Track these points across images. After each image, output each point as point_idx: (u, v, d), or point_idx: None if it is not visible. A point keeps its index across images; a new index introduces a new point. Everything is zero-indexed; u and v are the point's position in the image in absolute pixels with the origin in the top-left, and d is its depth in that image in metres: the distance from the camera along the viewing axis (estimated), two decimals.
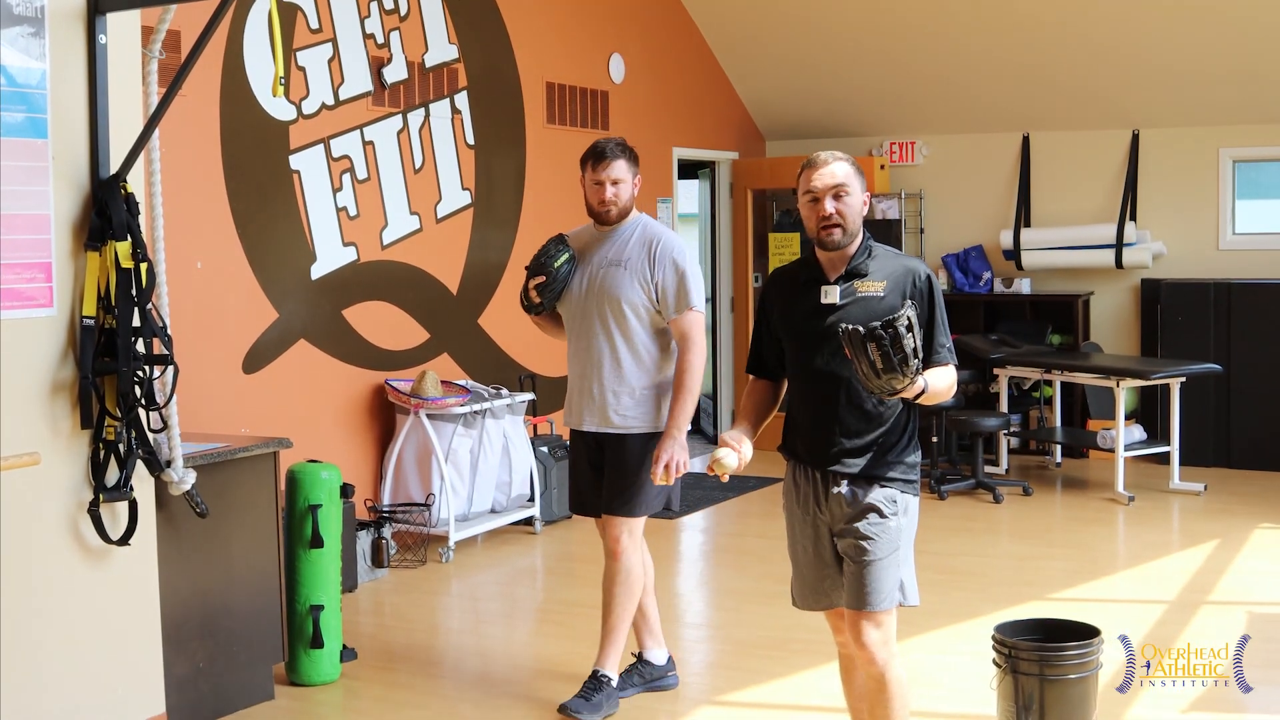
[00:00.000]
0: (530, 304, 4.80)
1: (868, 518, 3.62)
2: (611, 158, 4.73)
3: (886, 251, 3.76)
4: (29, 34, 3.85)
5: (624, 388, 4.72)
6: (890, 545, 3.62)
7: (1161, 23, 8.93)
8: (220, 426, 5.68)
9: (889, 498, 3.65)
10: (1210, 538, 7.39)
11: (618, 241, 4.79)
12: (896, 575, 3.64)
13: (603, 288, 4.72)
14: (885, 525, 3.62)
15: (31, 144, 3.87)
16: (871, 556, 3.60)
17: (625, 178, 4.75)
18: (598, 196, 4.76)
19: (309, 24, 6.70)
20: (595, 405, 4.75)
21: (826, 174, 3.66)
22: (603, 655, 4.81)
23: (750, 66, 10.41)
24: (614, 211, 4.76)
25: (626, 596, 4.78)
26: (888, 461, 3.65)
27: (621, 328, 4.71)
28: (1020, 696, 4.01)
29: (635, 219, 4.83)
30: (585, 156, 4.81)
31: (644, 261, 4.72)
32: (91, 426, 4.01)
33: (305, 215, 6.72)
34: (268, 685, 4.95)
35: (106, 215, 3.98)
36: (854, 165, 3.71)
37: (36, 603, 3.91)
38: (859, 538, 3.62)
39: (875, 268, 3.69)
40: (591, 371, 4.74)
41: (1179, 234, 9.89)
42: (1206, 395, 9.30)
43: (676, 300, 4.72)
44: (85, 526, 4.03)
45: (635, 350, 4.72)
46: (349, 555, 6.22)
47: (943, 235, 10.59)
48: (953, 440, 9.35)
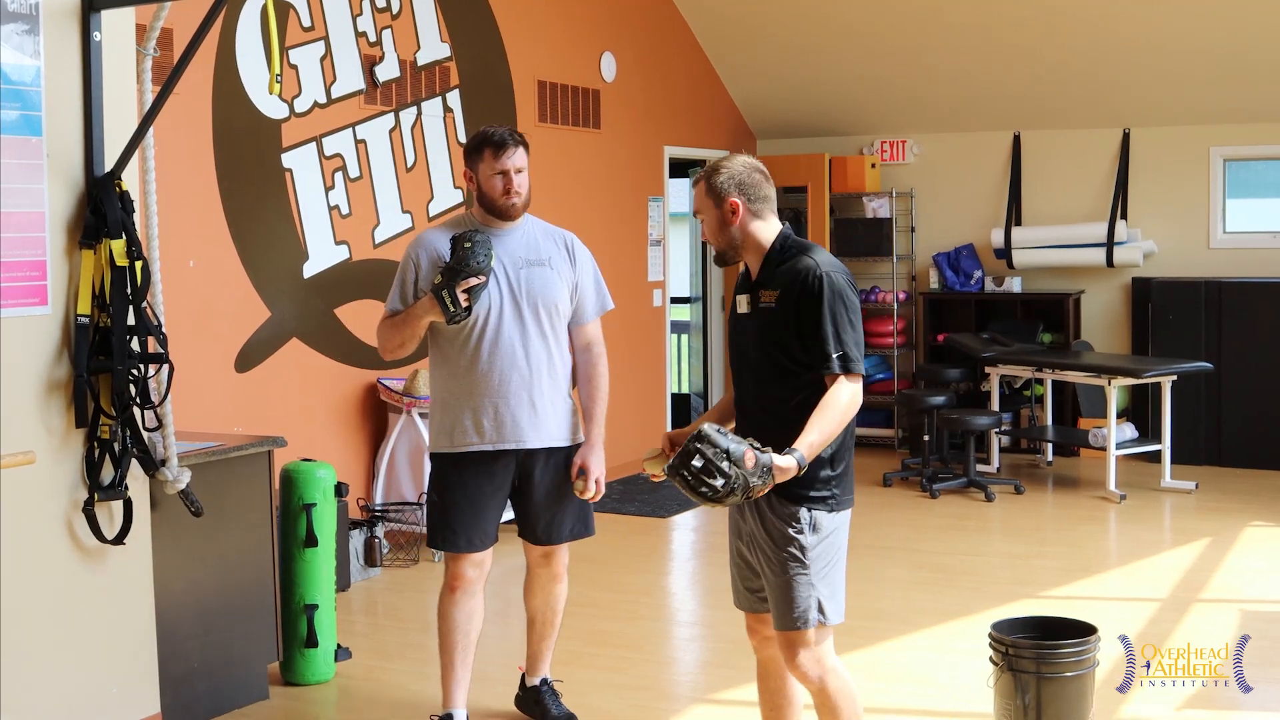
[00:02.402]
0: (458, 311, 4.16)
1: (777, 535, 3.48)
2: (514, 145, 4.31)
3: (796, 253, 3.54)
4: (23, 31, 3.83)
5: (559, 396, 4.40)
6: (799, 565, 3.47)
7: (1152, 21, 8.95)
8: (212, 425, 5.66)
9: (795, 515, 3.46)
10: (1202, 536, 7.41)
11: (525, 238, 4.40)
12: (812, 594, 3.47)
13: (531, 289, 4.32)
14: (798, 543, 3.47)
15: (26, 141, 3.86)
16: (782, 575, 3.49)
17: (526, 166, 4.35)
18: (501, 187, 4.29)
19: (301, 22, 6.68)
20: (538, 418, 4.33)
21: (693, 197, 3.68)
22: (544, 663, 4.71)
23: (741, 65, 10.41)
24: (519, 204, 4.34)
25: (562, 612, 4.67)
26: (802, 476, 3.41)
27: (555, 332, 4.38)
28: (1018, 694, 4.01)
29: (527, 215, 4.45)
30: (478, 145, 4.34)
31: (564, 261, 4.42)
32: (86, 425, 3.99)
33: (297, 213, 6.70)
34: (262, 684, 4.94)
35: (101, 213, 3.97)
36: (709, 178, 3.57)
37: (31, 601, 3.90)
38: (770, 555, 3.51)
39: (778, 274, 3.53)
40: (530, 381, 4.31)
41: (1170, 232, 9.92)
42: (1197, 393, 9.32)
43: (597, 303, 4.52)
44: (80, 525, 4.01)
45: (565, 357, 4.44)
46: (342, 554, 6.20)
47: (934, 234, 10.61)
48: (944, 439, 9.36)
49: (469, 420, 4.32)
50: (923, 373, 10.08)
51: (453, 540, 4.38)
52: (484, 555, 4.44)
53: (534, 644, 4.70)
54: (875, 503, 8.45)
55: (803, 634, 3.49)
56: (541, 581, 4.60)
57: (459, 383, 4.34)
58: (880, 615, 5.92)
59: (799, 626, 3.48)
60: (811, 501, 3.47)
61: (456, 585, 4.41)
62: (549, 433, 4.37)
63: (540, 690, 4.70)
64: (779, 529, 3.48)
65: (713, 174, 3.59)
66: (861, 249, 10.53)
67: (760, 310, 3.55)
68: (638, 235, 9.44)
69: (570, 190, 8.56)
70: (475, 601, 4.43)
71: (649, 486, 8.54)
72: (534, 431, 4.34)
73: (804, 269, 3.48)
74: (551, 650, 4.74)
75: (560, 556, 4.56)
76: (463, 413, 4.33)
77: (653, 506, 8.29)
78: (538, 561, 4.58)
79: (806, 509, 3.46)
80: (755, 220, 3.58)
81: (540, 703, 4.68)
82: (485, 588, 4.49)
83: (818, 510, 3.48)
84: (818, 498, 3.48)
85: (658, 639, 5.92)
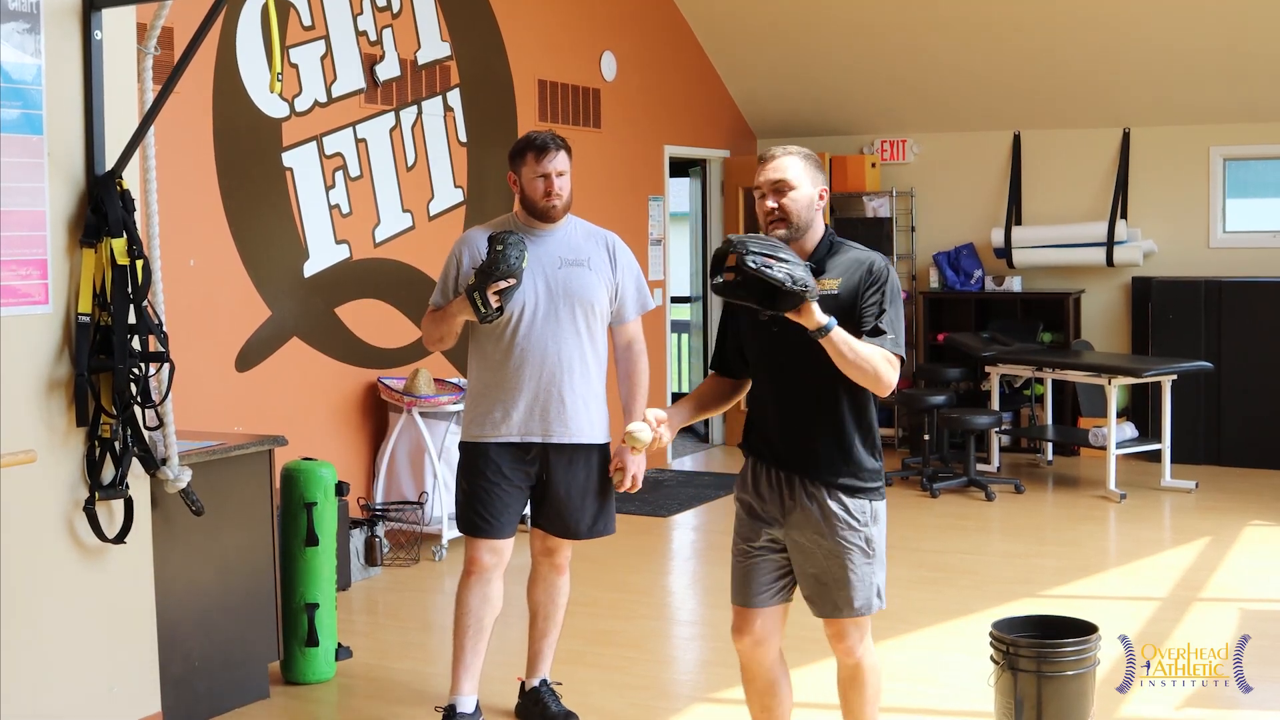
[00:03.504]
0: (489, 311, 4.28)
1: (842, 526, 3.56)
2: (555, 149, 4.44)
3: (848, 246, 3.63)
4: (24, 29, 3.83)
5: (592, 394, 4.49)
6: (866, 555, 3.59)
7: (1152, 21, 8.96)
8: (213, 424, 5.66)
9: (863, 508, 3.59)
10: (1202, 535, 7.41)
11: (565, 239, 4.51)
12: (874, 581, 3.63)
13: (569, 289, 4.43)
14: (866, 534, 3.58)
15: (27, 140, 3.85)
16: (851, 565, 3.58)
17: (568, 170, 4.48)
18: (543, 190, 4.42)
19: (302, 21, 6.68)
20: (565, 414, 4.41)
21: (771, 169, 3.57)
22: (544, 663, 4.72)
23: (741, 65, 10.41)
24: (559, 206, 4.46)
25: (564, 607, 4.71)
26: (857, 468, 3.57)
27: (591, 331, 4.48)
28: (1018, 693, 4.01)
29: (569, 216, 4.57)
30: (522, 150, 4.47)
31: (604, 262, 4.53)
32: (87, 424, 3.99)
33: (298, 213, 6.70)
34: (263, 684, 4.94)
35: (102, 212, 3.96)
36: (807, 159, 3.59)
37: (32, 600, 3.89)
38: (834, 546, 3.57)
39: (832, 264, 3.58)
40: (559, 378, 4.40)
41: (1170, 232, 9.92)
42: (1197, 393, 9.32)
43: (638, 302, 4.61)
44: (81, 524, 4.01)
45: (599, 355, 4.53)
46: (342, 554, 6.20)
47: (934, 233, 10.61)
48: (944, 438, 9.36)
49: (499, 412, 4.43)
50: (923, 372, 10.08)
51: (473, 525, 4.47)
52: (502, 544, 4.49)
53: (534, 641, 4.71)
54: None
55: (864, 620, 3.65)
56: (543, 572, 4.65)
57: (493, 376, 4.45)
58: (880, 614, 5.90)
59: (863, 613, 3.61)
60: (871, 493, 3.60)
61: (473, 570, 4.47)
62: (578, 429, 4.45)
63: (539, 690, 4.70)
64: (846, 521, 3.56)
65: (809, 156, 3.61)
66: None
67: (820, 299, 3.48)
68: (638, 234, 9.43)
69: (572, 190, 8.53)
70: (491, 588, 4.49)
71: (649, 485, 8.53)
72: (561, 427, 4.42)
73: (867, 259, 3.56)
74: (552, 651, 4.73)
75: (564, 550, 4.60)
76: (494, 405, 4.44)
77: (653, 506, 8.29)
78: (541, 552, 4.63)
79: (869, 500, 3.59)
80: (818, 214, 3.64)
81: (540, 701, 4.68)
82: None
83: (876, 501, 3.62)
84: (874, 489, 3.61)
85: (658, 638, 5.92)
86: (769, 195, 3.57)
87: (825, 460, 3.56)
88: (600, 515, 4.57)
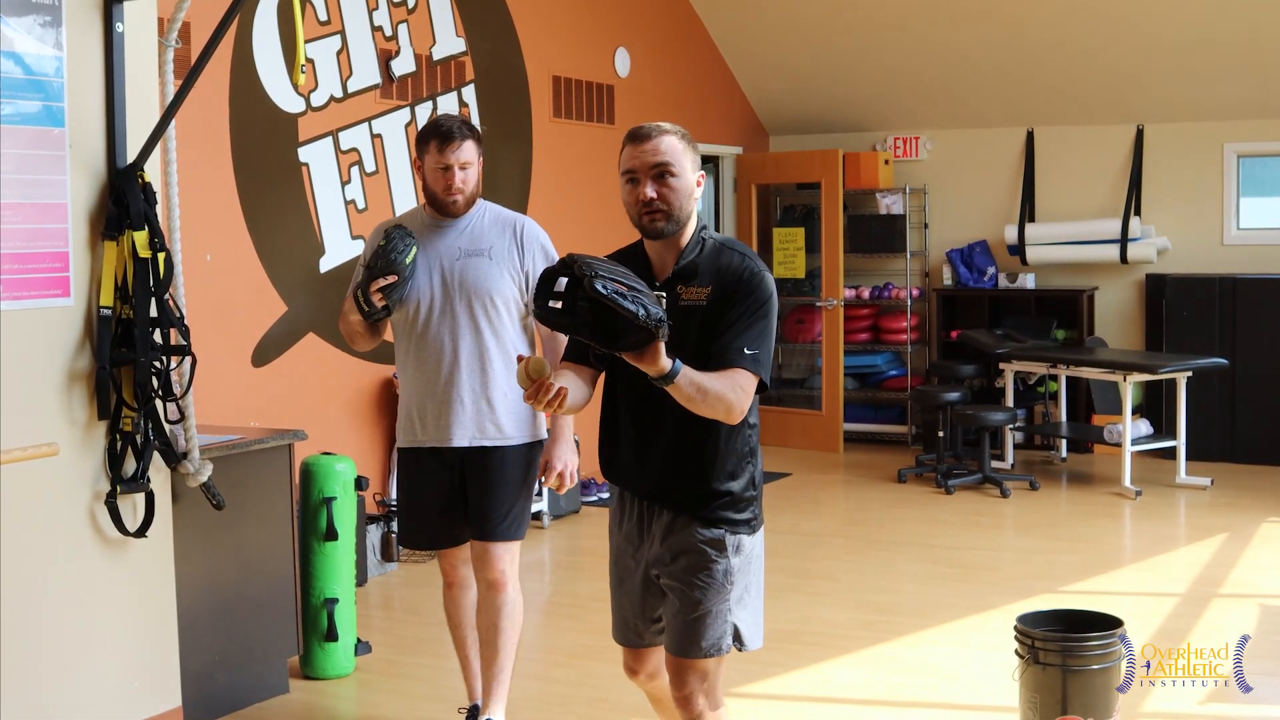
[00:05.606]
0: (372, 310, 4.03)
1: (695, 559, 3.18)
2: (459, 138, 4.08)
3: (724, 248, 3.18)
4: (45, 22, 3.83)
5: (498, 393, 4.14)
6: (718, 591, 3.19)
7: (1166, 17, 8.92)
8: (229, 419, 5.65)
9: (718, 540, 3.18)
10: (1218, 531, 7.38)
11: (466, 229, 4.18)
12: (728, 621, 3.21)
13: (464, 281, 4.11)
14: (719, 568, 3.18)
15: (48, 132, 3.85)
16: (698, 602, 3.19)
17: (474, 161, 4.13)
18: (444, 183, 4.10)
19: (318, 16, 6.67)
20: (466, 416, 4.12)
21: (650, 150, 3.10)
22: (492, 699, 4.28)
23: (754, 61, 10.39)
24: (461, 201, 4.14)
25: (513, 630, 4.24)
26: (715, 495, 3.17)
27: (492, 325, 4.13)
28: (1043, 687, 3.99)
29: (480, 205, 4.23)
30: (426, 136, 4.13)
31: (510, 249, 4.16)
32: (109, 417, 3.99)
33: (314, 208, 6.69)
34: (282, 678, 4.93)
35: (124, 204, 3.96)
36: (686, 140, 3.16)
37: (54, 594, 3.89)
38: (684, 581, 3.20)
39: (704, 267, 3.14)
40: (458, 377, 4.11)
41: (1184, 229, 9.88)
42: (1212, 390, 9.29)
43: None
44: (102, 517, 4.01)
45: (506, 351, 4.15)
46: (359, 549, 6.19)
47: (947, 230, 10.58)
48: (959, 435, 9.34)
49: (413, 416, 4.22)
50: (936, 369, 10.06)
51: (412, 538, 4.35)
52: (456, 552, 4.30)
53: (482, 670, 4.34)
54: (890, 499, 8.44)
55: (705, 663, 3.22)
56: (480, 590, 4.26)
57: (405, 378, 4.26)
58: (897, 610, 5.91)
59: (707, 655, 3.20)
60: (734, 524, 3.20)
61: (447, 582, 4.39)
62: (484, 430, 4.16)
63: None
64: (697, 552, 3.18)
65: (687, 136, 3.19)
66: (875, 245, 10.51)
67: (684, 309, 3.12)
68: None
69: (583, 186, 8.54)
70: (466, 596, 4.37)
71: None
72: (462, 429, 4.15)
73: (742, 267, 3.13)
74: (502, 687, 4.29)
75: (496, 560, 4.18)
76: (410, 409, 4.23)
77: None
78: (475, 566, 4.27)
79: (729, 531, 3.19)
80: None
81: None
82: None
83: (741, 532, 3.22)
84: (740, 520, 3.22)
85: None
86: (646, 181, 3.11)
87: (680, 484, 3.19)
88: (504, 517, 4.17)
